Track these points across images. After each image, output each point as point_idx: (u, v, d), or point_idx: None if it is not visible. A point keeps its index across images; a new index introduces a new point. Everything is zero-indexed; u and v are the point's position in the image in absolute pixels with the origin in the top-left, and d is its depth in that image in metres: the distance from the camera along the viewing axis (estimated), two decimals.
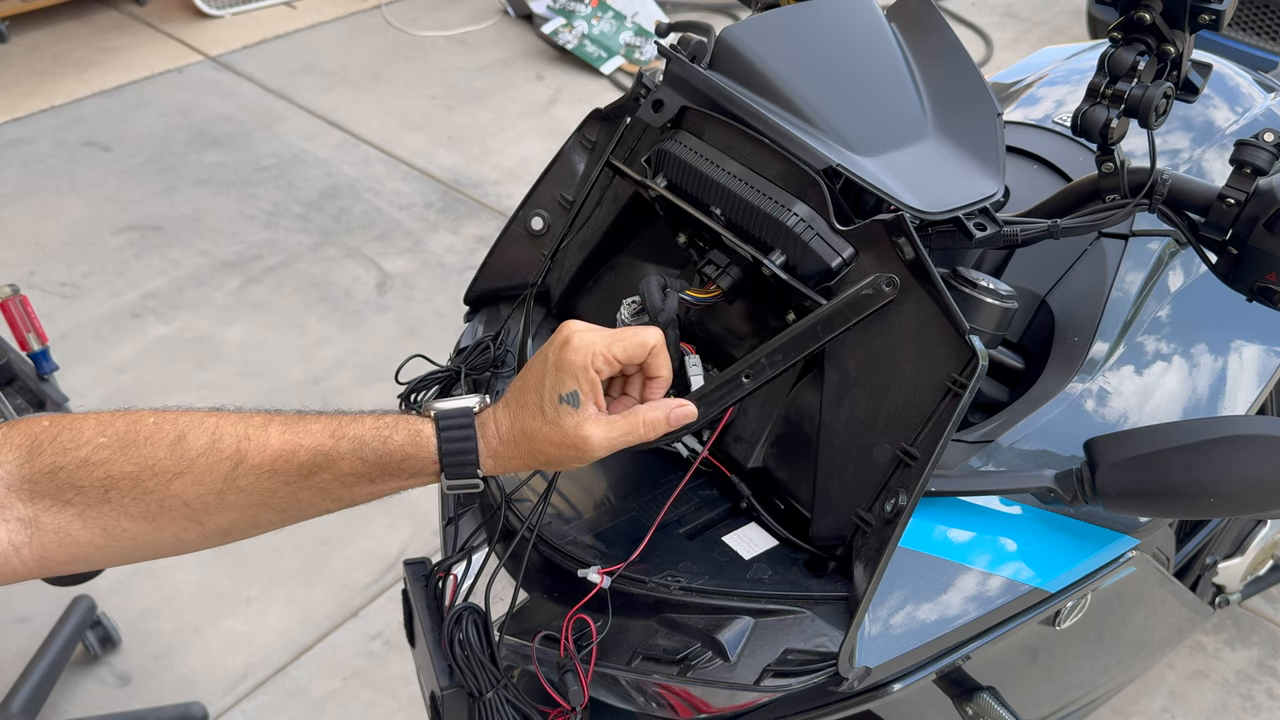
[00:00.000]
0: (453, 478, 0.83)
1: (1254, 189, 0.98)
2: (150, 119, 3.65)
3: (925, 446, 0.85)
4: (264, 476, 0.80)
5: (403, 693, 1.97)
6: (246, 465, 0.79)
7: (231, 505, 0.80)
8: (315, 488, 0.81)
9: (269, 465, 0.79)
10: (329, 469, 0.81)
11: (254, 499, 0.80)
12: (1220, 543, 1.65)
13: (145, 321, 2.80)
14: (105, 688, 1.97)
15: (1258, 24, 3.23)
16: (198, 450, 0.79)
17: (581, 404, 0.82)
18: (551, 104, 3.87)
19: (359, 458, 0.81)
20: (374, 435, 0.82)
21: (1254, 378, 1.21)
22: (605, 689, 0.91)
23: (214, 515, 0.80)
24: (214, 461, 0.79)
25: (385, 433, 0.82)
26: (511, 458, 0.84)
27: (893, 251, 0.88)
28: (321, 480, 0.81)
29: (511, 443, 0.84)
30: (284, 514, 0.82)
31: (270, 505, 0.81)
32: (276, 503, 0.81)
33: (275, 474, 0.80)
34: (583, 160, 1.20)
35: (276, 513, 0.82)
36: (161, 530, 0.79)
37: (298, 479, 0.80)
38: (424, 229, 3.19)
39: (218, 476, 0.79)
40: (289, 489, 0.80)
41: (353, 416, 0.83)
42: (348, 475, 0.81)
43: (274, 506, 0.81)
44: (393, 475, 0.82)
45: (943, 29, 1.09)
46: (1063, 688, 1.40)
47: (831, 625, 0.88)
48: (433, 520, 2.30)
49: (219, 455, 0.79)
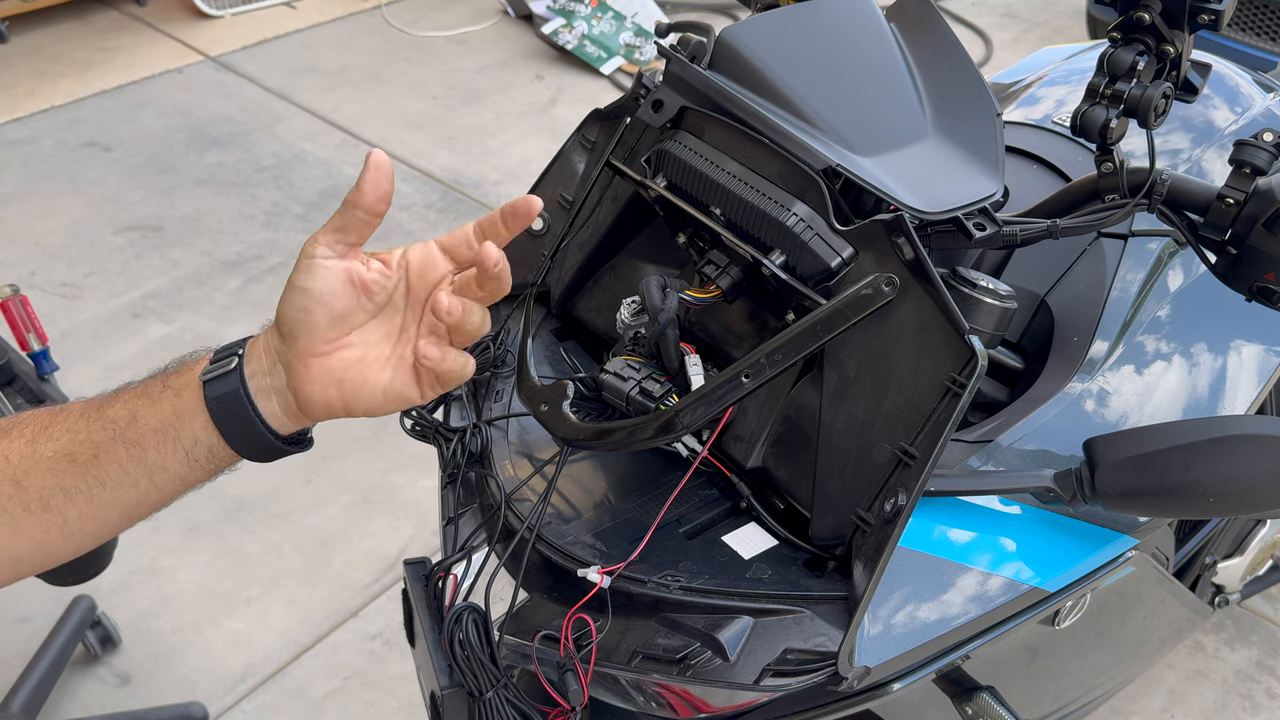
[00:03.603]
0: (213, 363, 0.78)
1: (1253, 189, 0.98)
2: (150, 119, 3.65)
3: (925, 446, 0.85)
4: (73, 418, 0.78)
5: (403, 692, 1.97)
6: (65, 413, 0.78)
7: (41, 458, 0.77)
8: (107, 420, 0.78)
9: (80, 409, 0.78)
10: (121, 396, 0.79)
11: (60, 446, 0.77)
12: (1220, 543, 1.66)
13: (146, 321, 2.80)
14: (105, 688, 1.97)
15: (1257, 24, 3.23)
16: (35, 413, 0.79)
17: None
18: (551, 104, 3.87)
19: (149, 376, 0.80)
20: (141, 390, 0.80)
21: (1254, 377, 1.22)
22: (605, 689, 0.91)
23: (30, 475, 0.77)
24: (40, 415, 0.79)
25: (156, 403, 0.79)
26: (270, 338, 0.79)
27: (892, 251, 0.88)
28: (114, 411, 0.78)
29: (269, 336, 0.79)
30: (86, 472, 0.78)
31: (74, 457, 0.77)
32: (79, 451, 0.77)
33: (83, 415, 0.78)
34: (583, 160, 1.20)
35: (80, 468, 0.77)
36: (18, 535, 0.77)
37: (94, 410, 0.78)
38: (424, 229, 3.19)
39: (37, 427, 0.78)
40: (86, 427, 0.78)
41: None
42: (133, 397, 0.79)
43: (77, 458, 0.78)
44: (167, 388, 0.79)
45: (942, 29, 1.09)
46: (1062, 687, 1.40)
47: (831, 625, 0.89)
48: (433, 520, 2.30)
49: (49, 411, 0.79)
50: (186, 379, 0.79)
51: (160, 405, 0.78)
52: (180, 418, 0.78)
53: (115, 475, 0.78)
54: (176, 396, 0.79)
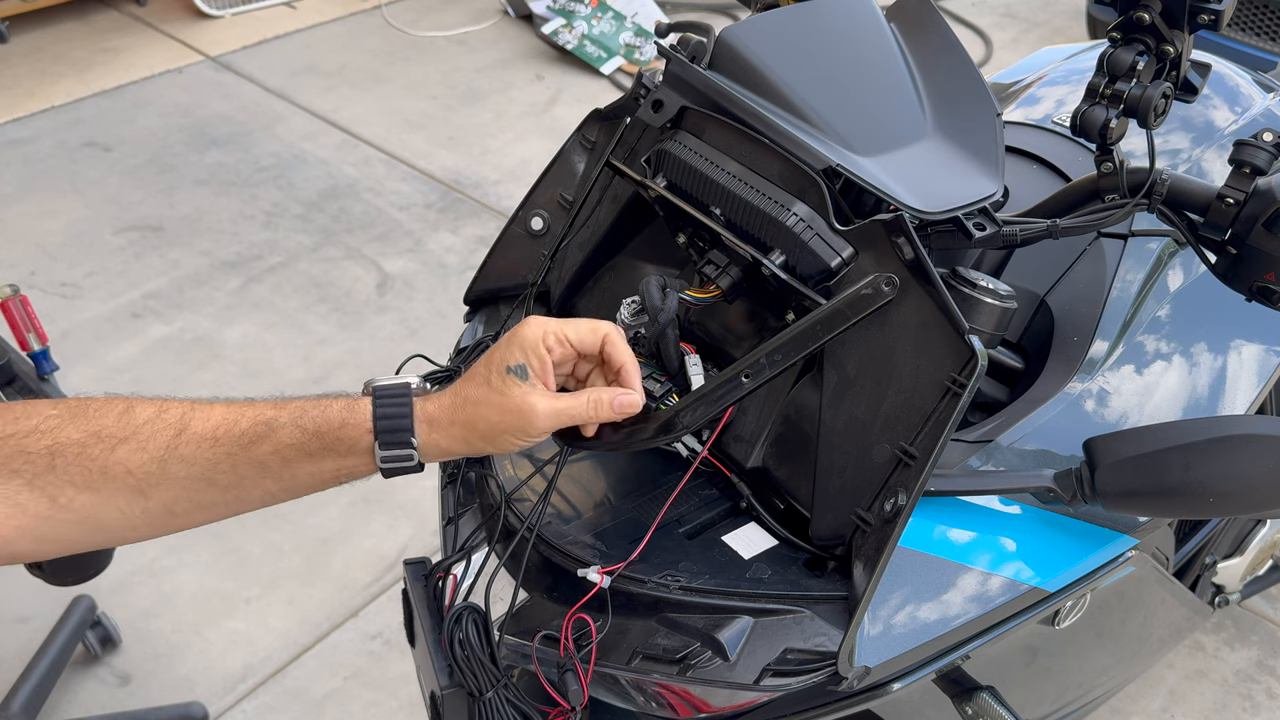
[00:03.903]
0: (386, 446, 0.82)
1: (1253, 189, 0.98)
2: (150, 119, 3.65)
3: (925, 446, 0.85)
4: (206, 445, 0.80)
5: (403, 692, 1.97)
6: (189, 434, 0.80)
7: (174, 477, 0.80)
8: (255, 461, 0.81)
9: (211, 433, 0.80)
10: (269, 439, 0.81)
11: (196, 470, 0.80)
12: (1220, 543, 1.66)
13: (146, 321, 2.80)
14: (105, 688, 1.97)
15: (1257, 24, 3.23)
16: (143, 419, 0.80)
17: (529, 378, 0.83)
18: (551, 104, 3.87)
19: (298, 425, 0.81)
20: (313, 404, 0.83)
21: (1253, 377, 1.22)
22: (605, 688, 0.91)
23: (158, 488, 0.80)
24: (158, 429, 0.80)
25: (325, 403, 0.83)
26: (449, 425, 0.83)
27: (892, 251, 0.88)
28: (262, 452, 0.81)
29: (452, 409, 0.83)
30: (226, 493, 0.82)
31: (213, 481, 0.81)
32: (219, 478, 0.81)
33: (217, 443, 0.80)
34: (583, 160, 1.20)
35: (219, 490, 0.81)
36: (106, 502, 0.79)
37: (239, 449, 0.80)
38: (424, 229, 3.19)
39: (160, 443, 0.79)
40: (230, 461, 0.80)
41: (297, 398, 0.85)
42: (287, 447, 0.81)
43: (217, 483, 0.81)
44: (330, 449, 0.82)
45: (942, 29, 1.09)
46: (1062, 687, 1.40)
47: (831, 625, 0.89)
48: (433, 520, 2.30)
49: (163, 423, 0.80)
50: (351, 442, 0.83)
51: (321, 463, 0.83)
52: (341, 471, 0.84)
53: (257, 497, 0.83)
54: (340, 459, 0.83)
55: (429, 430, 0.83)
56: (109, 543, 0.83)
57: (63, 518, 0.79)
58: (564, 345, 0.85)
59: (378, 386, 0.85)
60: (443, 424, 0.84)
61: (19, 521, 0.77)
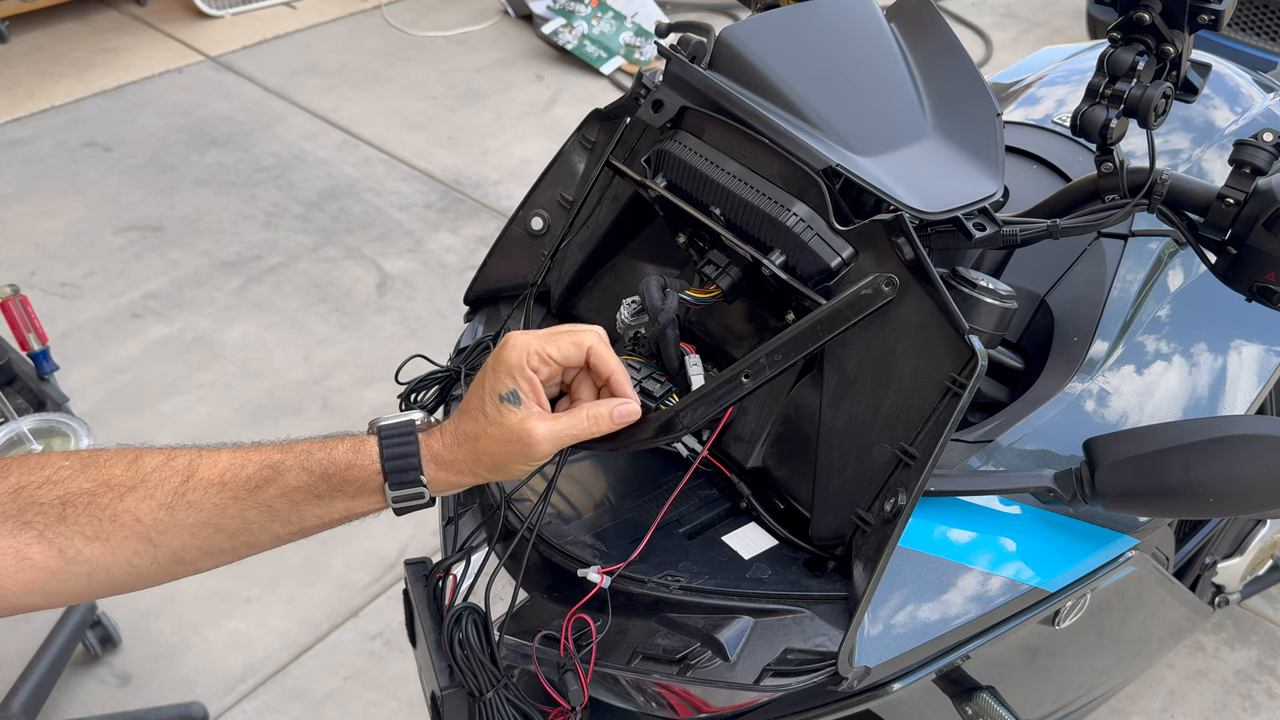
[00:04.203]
0: (396, 486, 0.83)
1: (1253, 189, 0.98)
2: (150, 119, 3.65)
3: (925, 446, 0.85)
4: (213, 490, 0.80)
5: (403, 692, 1.97)
6: (196, 479, 0.80)
7: (182, 524, 0.80)
8: (263, 505, 0.82)
9: (218, 479, 0.81)
10: (276, 482, 0.81)
11: (204, 516, 0.81)
12: (1220, 543, 1.66)
13: (146, 321, 2.80)
14: (105, 688, 1.97)
15: (1257, 24, 3.23)
16: (151, 466, 0.80)
17: (523, 402, 0.83)
18: (551, 104, 3.87)
19: (304, 468, 0.82)
20: (319, 446, 0.83)
21: (1254, 377, 1.22)
22: (605, 689, 0.91)
23: (166, 535, 0.80)
24: (165, 475, 0.80)
25: (330, 444, 0.83)
26: (455, 462, 0.84)
27: (892, 251, 0.88)
28: (269, 496, 0.81)
29: (455, 446, 0.84)
30: (234, 538, 0.83)
31: (220, 526, 0.81)
32: (227, 523, 0.81)
33: (224, 488, 0.81)
34: (583, 160, 1.20)
35: (227, 536, 0.82)
36: (114, 553, 0.80)
37: (246, 493, 0.81)
38: (424, 229, 3.19)
39: (168, 490, 0.80)
40: (238, 506, 0.81)
41: (302, 440, 0.86)
42: (294, 490, 0.82)
43: (224, 528, 0.82)
44: (339, 491, 0.83)
45: (942, 29, 1.09)
46: (1062, 687, 1.40)
47: (831, 625, 0.89)
48: (433, 520, 2.30)
49: (170, 470, 0.81)
50: (360, 483, 0.83)
51: (330, 504, 0.83)
52: (351, 511, 0.84)
53: (265, 541, 0.84)
54: (349, 500, 0.84)
55: (436, 468, 0.84)
56: (116, 594, 0.84)
57: (72, 570, 0.79)
58: (549, 364, 0.85)
59: (383, 426, 0.85)
60: (448, 461, 0.84)
61: (29, 576, 0.78)
